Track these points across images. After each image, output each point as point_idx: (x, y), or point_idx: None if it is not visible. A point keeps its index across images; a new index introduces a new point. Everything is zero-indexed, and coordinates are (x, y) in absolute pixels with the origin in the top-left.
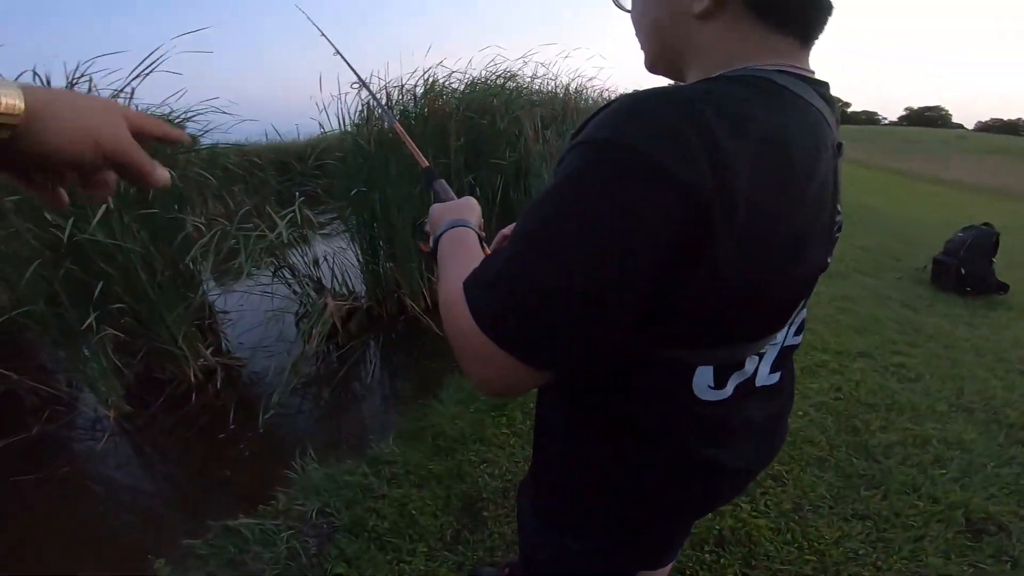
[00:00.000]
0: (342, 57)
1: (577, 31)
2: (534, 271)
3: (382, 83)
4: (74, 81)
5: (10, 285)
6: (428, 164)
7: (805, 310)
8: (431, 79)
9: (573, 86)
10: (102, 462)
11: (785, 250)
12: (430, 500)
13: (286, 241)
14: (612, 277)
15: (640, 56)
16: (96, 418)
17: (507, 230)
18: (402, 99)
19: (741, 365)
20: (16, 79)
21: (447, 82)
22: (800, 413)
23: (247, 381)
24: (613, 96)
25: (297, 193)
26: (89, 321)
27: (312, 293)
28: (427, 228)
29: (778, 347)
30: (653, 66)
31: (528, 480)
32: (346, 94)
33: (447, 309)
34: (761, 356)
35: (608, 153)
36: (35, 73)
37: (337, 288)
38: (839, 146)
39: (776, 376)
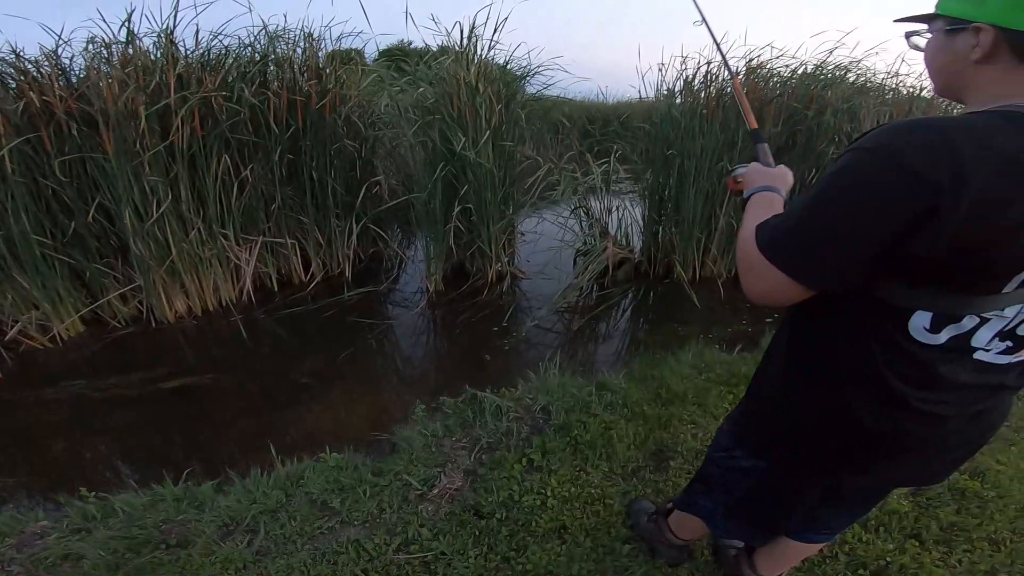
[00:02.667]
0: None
1: None
2: (809, 217)
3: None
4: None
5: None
6: (756, 126)
7: None
8: (755, 60)
9: None
10: (414, 321)
11: (1007, 230)
12: (631, 433)
13: (597, 186)
14: (861, 225)
15: None
16: (419, 289)
17: None
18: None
19: (957, 319)
20: None
21: (771, 65)
22: None
23: (524, 292)
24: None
25: (613, 147)
26: (454, 214)
27: (597, 235)
28: (740, 176)
29: (1007, 322)
30: (940, 94)
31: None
32: (664, 64)
33: (743, 242)
34: (983, 321)
35: (878, 154)
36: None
37: (619, 239)
38: None
39: (1004, 359)
